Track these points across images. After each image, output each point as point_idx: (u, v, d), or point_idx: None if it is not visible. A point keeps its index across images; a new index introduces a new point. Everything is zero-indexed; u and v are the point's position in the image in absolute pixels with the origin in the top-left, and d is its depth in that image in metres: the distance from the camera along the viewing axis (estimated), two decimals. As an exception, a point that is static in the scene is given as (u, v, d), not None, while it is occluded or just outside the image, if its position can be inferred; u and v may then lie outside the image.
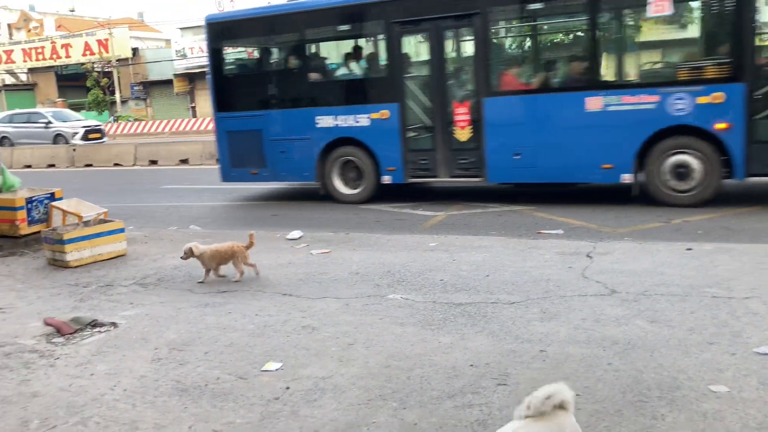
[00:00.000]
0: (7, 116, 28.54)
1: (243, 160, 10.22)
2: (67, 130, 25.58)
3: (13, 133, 26.53)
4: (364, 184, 9.46)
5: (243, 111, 10.23)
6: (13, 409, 3.22)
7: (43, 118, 26.68)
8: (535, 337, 3.81)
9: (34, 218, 7.19)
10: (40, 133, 25.89)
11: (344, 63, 9.87)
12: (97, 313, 4.66)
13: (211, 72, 10.78)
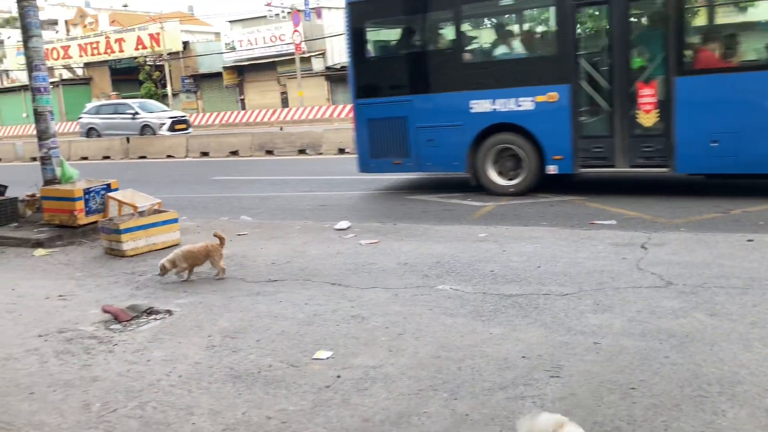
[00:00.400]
0: (94, 108, 28.75)
1: (384, 149, 9.55)
2: (155, 121, 25.50)
3: (100, 124, 26.70)
4: (523, 174, 8.65)
5: (386, 97, 9.57)
6: (76, 393, 3.32)
7: (130, 109, 26.60)
8: (588, 329, 3.74)
9: (91, 209, 7.40)
10: (127, 124, 25.86)
11: (505, 41, 9.03)
12: (152, 301, 4.78)
13: (350, 56, 10.06)
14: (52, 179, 7.87)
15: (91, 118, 27.46)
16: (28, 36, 7.66)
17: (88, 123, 27.23)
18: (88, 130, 27.25)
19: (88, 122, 27.28)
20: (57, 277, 5.74)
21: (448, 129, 9.03)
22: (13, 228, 7.74)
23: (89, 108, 28.87)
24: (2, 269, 6.19)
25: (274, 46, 43.40)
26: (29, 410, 3.16)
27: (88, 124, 27.22)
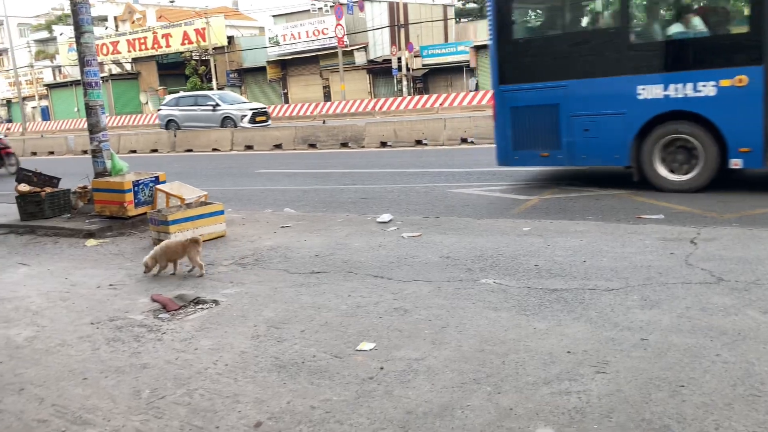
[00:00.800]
0: (173, 99, 27.98)
1: (531, 140, 8.65)
2: (235, 113, 24.69)
3: (179, 116, 25.99)
4: (698, 169, 7.70)
5: (535, 82, 8.59)
6: (126, 379, 3.42)
7: (211, 101, 25.74)
8: (635, 324, 3.67)
9: (140, 200, 7.58)
10: (208, 116, 25.18)
11: (682, 17, 8.04)
12: (199, 291, 4.87)
13: (493, 38, 8.87)
14: (103, 172, 8.09)
15: (171, 110, 26.72)
16: (81, 32, 7.87)
17: (168, 115, 26.56)
18: (167, 122, 26.54)
19: (168, 114, 26.58)
20: (108, 267, 5.90)
21: (609, 118, 8.16)
22: (65, 219, 7.99)
23: (168, 99, 28.18)
24: (56, 258, 6.39)
25: (316, 40, 43.69)
26: (83, 395, 3.27)
27: (168, 116, 26.55)
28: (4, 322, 4.49)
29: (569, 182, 9.11)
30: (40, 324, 4.42)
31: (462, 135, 16.25)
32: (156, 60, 50.83)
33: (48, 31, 65.07)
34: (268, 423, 2.85)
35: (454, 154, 14.20)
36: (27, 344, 4.04)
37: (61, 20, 63.26)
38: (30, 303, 4.92)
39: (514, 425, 2.69)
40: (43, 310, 4.72)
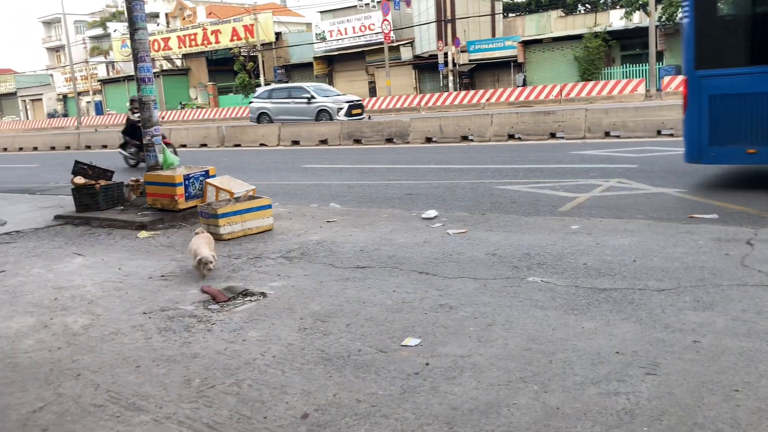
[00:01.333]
0: (265, 92, 26.77)
1: (734, 134, 7.46)
2: (332, 105, 23.73)
3: (273, 109, 25.14)
4: None
5: (743, 66, 7.45)
6: (177, 368, 3.50)
7: (306, 93, 24.70)
8: (687, 326, 3.58)
9: (190, 194, 7.74)
10: (302, 108, 24.25)
11: None
12: (247, 283, 4.95)
13: (690, 14, 7.71)
14: (155, 165, 8.28)
15: (263, 102, 25.66)
16: (135, 29, 8.08)
17: (260, 108, 25.60)
18: (259, 115, 25.59)
19: (260, 107, 25.63)
20: (159, 258, 6.05)
21: None
22: (119, 211, 8.22)
23: (260, 92, 27.01)
24: (110, 249, 6.59)
25: (363, 36, 43.81)
26: (136, 382, 3.36)
27: (260, 109, 25.60)
28: (62, 310, 4.66)
29: (618, 180, 8.93)
30: (95, 312, 4.56)
31: (509, 131, 16.10)
32: (205, 56, 51.75)
33: (102, 27, 66.89)
34: (315, 415, 2.89)
35: (500, 150, 14.08)
36: (83, 332, 4.18)
37: (115, 17, 64.98)
38: (86, 292, 5.09)
39: (561, 425, 2.67)
40: (97, 299, 4.87)
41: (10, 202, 10.51)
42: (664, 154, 10.97)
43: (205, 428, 2.84)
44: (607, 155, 11.68)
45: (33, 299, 4.98)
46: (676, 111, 14.15)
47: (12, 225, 8.21)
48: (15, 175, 17.21)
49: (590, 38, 35.15)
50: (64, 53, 64.38)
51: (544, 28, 43.54)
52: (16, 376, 3.55)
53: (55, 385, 3.39)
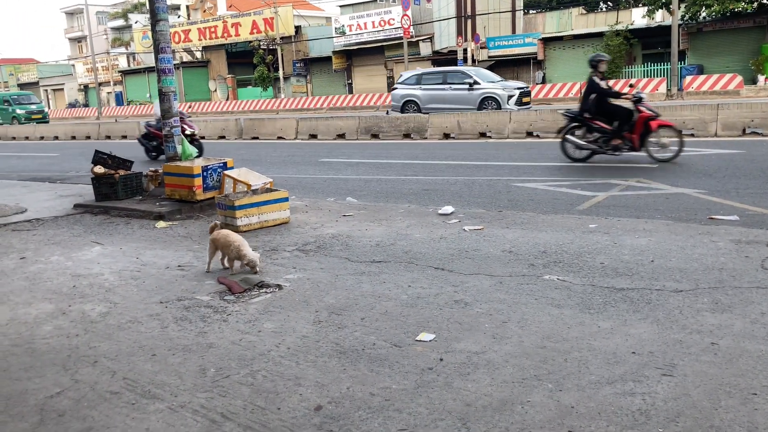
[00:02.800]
0: (413, 77, 22.98)
1: None
2: (500, 93, 20.45)
3: (422, 96, 21.88)
4: None
5: None
6: (193, 357, 3.53)
7: (467, 78, 21.27)
8: (705, 328, 3.55)
9: (208, 185, 7.79)
10: (461, 96, 21.02)
11: None
12: (263, 275, 4.97)
13: None
14: (174, 156, 8.34)
15: (410, 89, 22.30)
16: (156, 20, 8.12)
17: (406, 95, 22.28)
18: (404, 103, 22.37)
19: (406, 94, 22.24)
20: (176, 249, 6.09)
21: None
22: (137, 201, 8.29)
23: (406, 77, 23.23)
24: (128, 239, 6.64)
25: (382, 31, 43.73)
26: (152, 370, 3.39)
27: (406, 97, 22.29)
28: (80, 298, 4.71)
29: (638, 179, 8.85)
30: (112, 301, 4.60)
31: (528, 128, 16.01)
32: (225, 48, 51.92)
33: (124, 19, 67.34)
34: (328, 407, 2.90)
35: (518, 148, 14.01)
36: (101, 319, 4.23)
37: (137, 8, 65.37)
38: (103, 280, 5.14)
39: (576, 424, 2.65)
40: (115, 288, 4.92)
41: (31, 190, 10.64)
42: (684, 154, 10.83)
43: (219, 417, 2.86)
44: (626, 154, 11.55)
45: (52, 286, 5.04)
46: (698, 111, 13.99)
47: (32, 213, 8.31)
48: (36, 163, 17.41)
49: (611, 36, 34.81)
50: (86, 44, 64.92)
51: (565, 26, 43.19)
52: (34, 361, 3.60)
53: (72, 372, 3.43)
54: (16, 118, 40.80)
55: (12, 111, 41.35)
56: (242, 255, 4.99)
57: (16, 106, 41.52)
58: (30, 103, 42.60)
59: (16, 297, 4.80)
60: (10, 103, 41.99)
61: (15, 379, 3.37)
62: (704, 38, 32.81)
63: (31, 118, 40.10)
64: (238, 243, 5.05)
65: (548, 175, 9.81)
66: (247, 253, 4.99)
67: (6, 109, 41.87)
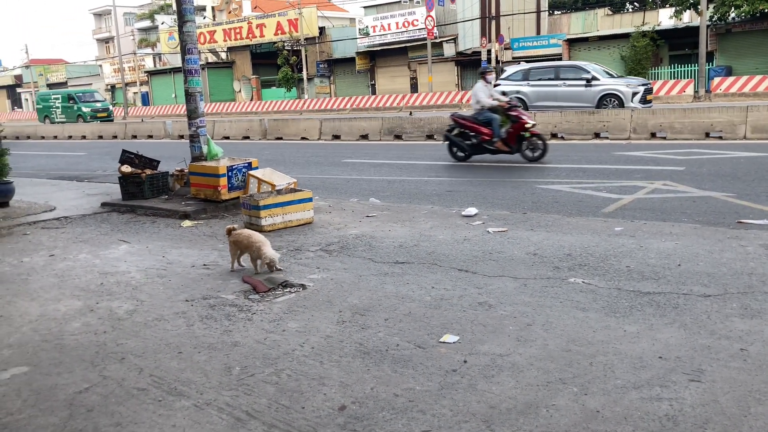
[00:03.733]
0: (518, 72, 21.06)
1: None
2: (624, 90, 18.68)
3: (530, 93, 20.07)
4: None
5: None
6: (218, 355, 3.56)
7: (584, 73, 19.45)
8: (734, 333, 3.50)
9: (233, 185, 7.85)
10: (577, 93, 19.25)
11: None
12: (287, 275, 5.00)
13: None
14: (199, 156, 8.42)
15: (516, 84, 20.39)
16: (183, 21, 8.21)
17: (512, 92, 19.56)
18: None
19: (512, 90, 19.85)
20: (201, 248, 6.15)
21: None
22: (163, 200, 8.38)
23: (511, 72, 21.36)
24: (154, 237, 6.72)
25: (406, 32, 43.74)
26: (177, 368, 3.43)
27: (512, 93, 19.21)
28: (108, 295, 4.77)
29: (664, 182, 8.74)
30: (139, 298, 4.66)
31: (552, 130, 15.89)
32: (250, 49, 52.31)
33: (151, 20, 68.16)
34: (352, 407, 2.91)
35: (542, 150, 13.89)
36: (128, 317, 4.28)
37: (163, 10, 66.13)
38: (130, 278, 5.21)
39: (601, 428, 2.63)
40: (142, 286, 4.98)
41: (59, 189, 10.81)
42: (712, 157, 10.69)
43: (244, 416, 2.88)
44: (652, 157, 11.45)
45: (80, 283, 5.12)
46: (726, 113, 13.79)
47: (61, 211, 8.45)
48: (64, 162, 17.69)
49: (638, 37, 34.43)
50: (113, 44, 65.86)
51: (591, 27, 42.81)
52: (63, 357, 3.66)
53: (100, 368, 3.48)
54: (81, 116, 38.62)
55: (77, 109, 39.25)
56: (262, 254, 5.04)
57: (82, 104, 39.33)
58: (95, 101, 40.73)
59: (46, 293, 4.89)
60: (75, 100, 39.76)
61: (45, 374, 3.43)
62: (733, 39, 32.31)
63: (97, 116, 38.45)
64: (259, 243, 5.11)
65: (573, 177, 9.73)
66: (266, 252, 5.04)
67: (71, 107, 39.87)
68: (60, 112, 40.56)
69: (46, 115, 41.75)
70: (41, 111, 42.55)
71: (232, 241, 5.30)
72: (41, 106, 42.59)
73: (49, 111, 41.37)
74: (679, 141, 13.80)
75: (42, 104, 42.48)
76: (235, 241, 5.27)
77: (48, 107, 41.64)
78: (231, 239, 5.32)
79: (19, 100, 77.69)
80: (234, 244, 5.28)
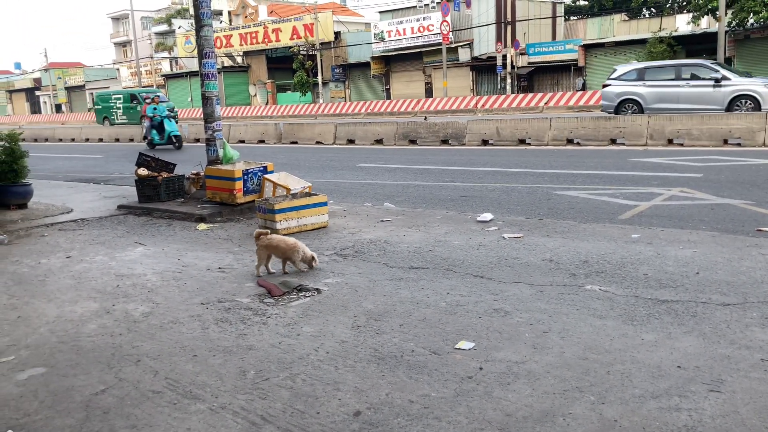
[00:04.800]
0: (633, 71, 18.91)
1: None
2: (761, 90, 16.61)
3: (647, 95, 18.12)
4: None
5: None
6: (233, 359, 3.57)
7: (712, 72, 17.48)
8: (754, 343, 3.44)
9: (248, 189, 7.88)
10: (704, 94, 17.34)
11: None
12: (302, 279, 5.01)
13: None
14: (215, 160, 8.46)
15: (629, 86, 18.51)
16: (201, 25, 8.26)
17: (625, 93, 18.50)
18: (620, 103, 18.55)
19: (624, 92, 18.49)
20: (217, 251, 6.17)
21: None
22: (179, 203, 8.43)
23: (623, 71, 19.21)
24: (170, 240, 6.76)
25: (421, 37, 43.80)
26: (193, 371, 3.44)
27: (623, 95, 18.53)
28: (124, 297, 4.80)
29: (681, 189, 8.66)
30: (155, 301, 4.68)
31: (568, 136, 15.83)
32: (265, 54, 52.59)
33: (168, 24, 68.77)
34: (367, 413, 2.89)
35: (558, 155, 13.85)
36: (143, 319, 4.30)
37: (180, 14, 66.68)
38: (146, 281, 5.23)
39: (619, 438, 2.60)
40: (157, 288, 5.00)
41: (77, 191, 10.91)
42: (730, 164, 10.59)
43: (259, 420, 2.88)
44: (669, 163, 11.36)
45: (96, 285, 5.15)
46: (745, 119, 13.65)
47: (78, 213, 8.51)
48: (81, 165, 17.85)
49: (654, 43, 34.23)
50: (131, 48, 66.43)
51: (607, 32, 42.63)
52: (79, 359, 3.68)
53: (116, 370, 3.49)
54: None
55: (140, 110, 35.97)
56: (306, 254, 5.25)
57: None
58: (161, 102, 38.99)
59: (63, 295, 4.93)
60: (139, 101, 36.25)
61: (62, 376, 3.45)
62: (752, 45, 32.04)
63: None
64: (298, 244, 5.25)
65: (589, 183, 9.67)
66: (308, 251, 5.28)
67: (133, 108, 36.80)
68: (121, 113, 38.09)
69: (105, 116, 39.11)
70: (100, 112, 39.80)
71: (263, 245, 5.24)
72: (100, 107, 39.83)
73: (109, 112, 38.80)
74: (697, 147, 13.67)
75: (101, 105, 39.77)
76: (267, 245, 5.23)
77: (108, 108, 39.00)
78: (262, 243, 5.24)
79: (37, 102, 78.62)
80: (266, 248, 5.23)
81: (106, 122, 38.34)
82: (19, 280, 5.43)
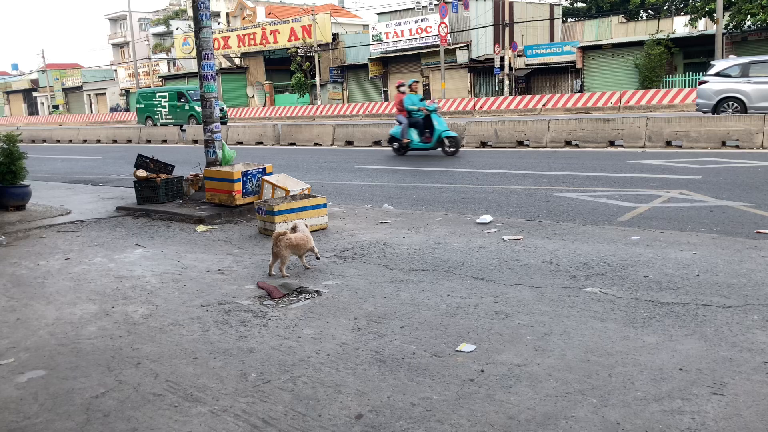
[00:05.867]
0: (735, 66, 17.24)
1: None
2: None
3: (752, 92, 16.62)
4: None
5: None
6: (234, 361, 3.55)
7: None
8: (756, 346, 3.44)
9: (247, 190, 7.86)
10: None
11: None
12: (302, 281, 5.00)
13: None
14: (214, 161, 8.44)
15: (731, 83, 16.97)
16: (200, 27, 8.24)
17: (726, 90, 16.96)
18: (719, 101, 17.03)
19: (725, 89, 16.97)
20: (216, 253, 6.16)
21: None
22: (178, 204, 8.41)
23: (723, 67, 17.59)
24: (169, 242, 6.74)
25: (419, 38, 43.80)
26: (193, 373, 3.42)
27: (724, 93, 16.99)
28: (123, 299, 4.78)
29: (680, 191, 8.67)
30: (154, 303, 4.67)
31: (566, 137, 15.84)
32: (263, 55, 52.56)
33: (165, 25, 68.70)
34: (369, 416, 2.88)
35: (557, 157, 13.86)
36: (143, 321, 4.29)
37: (178, 15, 66.65)
38: (145, 282, 5.22)
39: (622, 441, 2.59)
40: (157, 290, 4.98)
41: (75, 192, 10.89)
42: (728, 166, 10.60)
43: (260, 423, 2.87)
44: (668, 165, 11.37)
45: (95, 287, 5.13)
46: (743, 121, 13.67)
47: (76, 214, 8.49)
48: (79, 166, 17.81)
49: (652, 45, 34.30)
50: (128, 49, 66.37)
51: (604, 34, 42.69)
52: (79, 361, 3.66)
53: (116, 372, 3.48)
54: (194, 116, 32.75)
55: (189, 109, 33.52)
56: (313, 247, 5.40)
57: (195, 103, 32.70)
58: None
59: (62, 297, 4.91)
60: (187, 99, 33.76)
61: (62, 378, 3.43)
62: (749, 47, 32.11)
63: None
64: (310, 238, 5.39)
65: (588, 185, 9.67)
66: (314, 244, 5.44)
67: (181, 107, 34.09)
68: (167, 112, 34.64)
69: (148, 115, 35.55)
70: (142, 111, 36.08)
71: (285, 245, 5.13)
72: (142, 105, 36.06)
73: (153, 111, 35.27)
74: (695, 150, 13.70)
75: (144, 103, 36.06)
76: (288, 245, 5.15)
77: (151, 107, 35.45)
78: (283, 244, 5.12)
79: (35, 104, 78.50)
80: (288, 248, 5.15)
81: (148, 122, 35.18)
82: (18, 282, 5.41)
